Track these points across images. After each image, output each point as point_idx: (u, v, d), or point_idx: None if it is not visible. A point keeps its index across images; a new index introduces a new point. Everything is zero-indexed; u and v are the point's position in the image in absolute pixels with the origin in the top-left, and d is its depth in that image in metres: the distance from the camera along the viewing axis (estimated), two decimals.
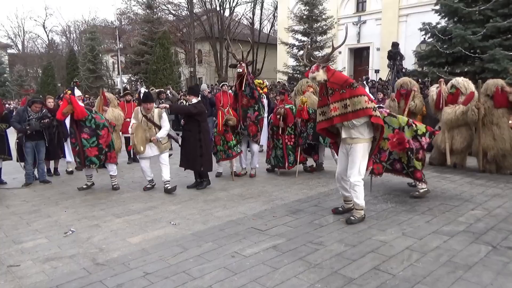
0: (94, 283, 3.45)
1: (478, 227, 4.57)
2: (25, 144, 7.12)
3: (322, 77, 4.62)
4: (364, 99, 4.51)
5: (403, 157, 5.67)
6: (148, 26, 28.35)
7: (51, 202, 6.14)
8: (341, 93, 4.57)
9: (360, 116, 4.53)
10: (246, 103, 7.21)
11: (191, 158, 6.55)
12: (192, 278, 3.49)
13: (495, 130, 7.20)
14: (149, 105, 6.43)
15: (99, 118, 6.64)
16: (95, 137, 6.47)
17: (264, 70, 33.41)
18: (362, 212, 4.84)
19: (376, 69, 22.43)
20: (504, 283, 3.28)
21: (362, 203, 4.81)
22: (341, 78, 4.69)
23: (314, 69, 4.64)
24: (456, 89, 7.68)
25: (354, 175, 4.72)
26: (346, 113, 4.55)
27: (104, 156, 6.58)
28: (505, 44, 12.41)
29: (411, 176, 5.78)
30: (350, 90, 4.54)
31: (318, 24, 22.19)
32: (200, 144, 6.51)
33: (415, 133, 5.67)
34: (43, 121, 7.08)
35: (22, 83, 37.21)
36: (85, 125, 6.44)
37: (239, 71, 6.99)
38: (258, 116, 7.25)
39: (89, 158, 6.47)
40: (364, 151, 4.75)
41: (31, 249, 4.25)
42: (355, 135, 4.70)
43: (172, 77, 26.58)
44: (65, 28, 51.98)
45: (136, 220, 5.13)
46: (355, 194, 4.78)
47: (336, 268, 3.62)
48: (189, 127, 6.57)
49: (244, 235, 4.49)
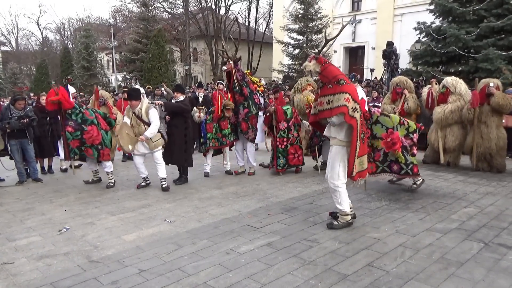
0: (89, 280, 3.44)
1: (470, 224, 4.62)
2: (9, 142, 7.09)
3: (312, 68, 4.45)
4: (344, 96, 4.24)
5: (399, 157, 5.66)
6: (143, 24, 28.26)
7: (45, 200, 6.11)
8: (328, 88, 4.38)
9: (334, 114, 4.29)
10: (238, 100, 7.28)
11: (176, 153, 6.73)
12: (187, 275, 3.50)
13: (483, 128, 7.29)
14: (133, 102, 6.39)
15: (89, 114, 6.61)
16: (80, 132, 6.50)
17: (260, 69, 33.43)
18: (348, 217, 4.58)
19: (371, 68, 22.53)
20: (496, 279, 3.33)
21: (345, 208, 4.54)
22: (331, 72, 4.43)
23: (310, 59, 4.51)
24: (446, 89, 7.74)
25: (332, 178, 4.50)
26: (329, 109, 4.33)
27: (95, 151, 6.62)
28: (498, 44, 12.49)
29: (410, 174, 5.77)
30: (336, 86, 4.32)
31: (314, 23, 22.22)
32: (185, 139, 6.78)
33: (407, 130, 5.72)
34: (22, 120, 6.92)
35: (15, 81, 36.89)
36: (71, 118, 6.47)
37: (225, 69, 7.14)
38: (248, 113, 7.23)
39: (73, 149, 6.55)
40: (343, 154, 4.46)
41: (25, 246, 4.24)
42: (334, 134, 4.50)
43: (167, 75, 26.50)
44: (59, 25, 51.87)
45: (131, 218, 5.12)
46: (336, 199, 4.55)
47: (330, 265, 3.64)
48: (176, 123, 6.74)
49: (239, 232, 4.50)
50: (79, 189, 6.72)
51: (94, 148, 6.61)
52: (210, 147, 7.36)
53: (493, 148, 7.19)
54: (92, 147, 6.59)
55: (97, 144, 6.60)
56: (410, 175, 5.85)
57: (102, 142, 6.67)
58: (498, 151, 7.24)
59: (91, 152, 6.62)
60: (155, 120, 6.33)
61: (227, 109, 7.09)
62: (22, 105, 7.09)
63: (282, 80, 22.51)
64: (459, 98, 7.57)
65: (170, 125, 6.77)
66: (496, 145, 7.17)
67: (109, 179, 6.83)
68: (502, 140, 7.21)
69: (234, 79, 7.05)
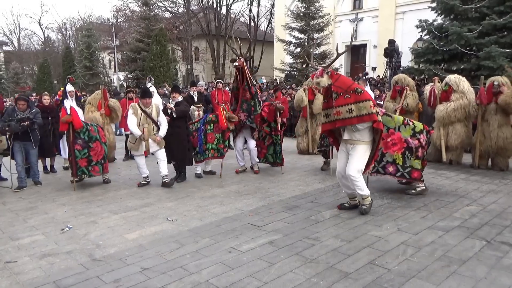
0: (91, 279, 3.46)
1: (472, 222, 4.61)
2: (13, 144, 6.82)
3: (326, 82, 4.78)
4: (369, 104, 4.66)
5: (398, 158, 5.59)
6: (145, 23, 28.21)
7: (48, 199, 6.13)
8: (345, 98, 4.71)
9: (366, 121, 4.71)
10: (248, 97, 7.31)
11: (181, 153, 6.82)
12: (189, 273, 3.50)
13: (485, 127, 7.27)
14: (148, 100, 6.52)
15: (93, 130, 6.73)
16: (87, 149, 6.64)
17: (261, 68, 33.40)
18: (369, 199, 5.04)
19: (373, 66, 22.48)
20: (498, 277, 3.32)
21: (367, 192, 5.01)
22: (345, 82, 4.83)
23: (318, 74, 4.81)
24: (449, 87, 7.72)
25: (352, 171, 4.85)
26: (350, 118, 4.70)
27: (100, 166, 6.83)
28: (501, 42, 12.44)
29: (407, 177, 5.69)
30: (355, 95, 4.68)
31: (315, 21, 22.16)
32: (187, 139, 6.93)
33: (413, 130, 5.57)
34: (22, 123, 6.60)
35: (18, 81, 36.91)
36: (79, 136, 6.59)
37: (236, 65, 7.09)
38: (254, 111, 7.29)
39: (81, 168, 6.64)
40: (365, 151, 4.93)
41: (28, 245, 4.25)
42: (356, 137, 4.88)
43: (169, 75, 26.48)
44: (61, 25, 51.68)
45: (133, 216, 5.14)
46: (358, 187, 4.93)
47: (332, 263, 3.65)
48: (178, 124, 6.83)
49: (241, 231, 4.51)
50: (82, 188, 6.74)
51: (99, 164, 6.81)
52: (209, 158, 7.24)
53: (494, 147, 7.17)
54: (97, 163, 6.78)
55: (100, 159, 6.81)
56: (406, 178, 5.70)
57: (104, 156, 6.88)
58: (500, 150, 7.21)
59: (97, 169, 6.82)
60: (164, 121, 6.59)
61: (231, 122, 7.04)
62: (24, 105, 6.80)
63: (283, 79, 22.47)
64: (462, 96, 7.54)
65: (173, 126, 6.79)
66: (497, 144, 7.14)
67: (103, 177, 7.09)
68: (503, 140, 7.14)
69: (247, 76, 7.10)
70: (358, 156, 4.89)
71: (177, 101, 6.92)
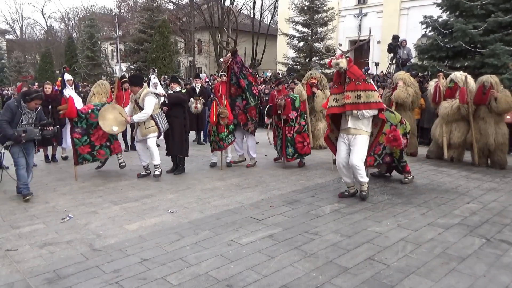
0: (91, 268, 3.47)
1: (473, 220, 4.61)
2: (11, 149, 5.42)
3: (345, 65, 5.05)
4: (377, 94, 5.05)
5: (396, 152, 6.10)
6: (148, 14, 28.07)
7: (49, 188, 6.15)
8: (356, 84, 5.02)
9: (372, 108, 5.00)
10: (234, 92, 7.29)
11: (177, 144, 6.82)
12: (189, 265, 3.52)
13: (481, 124, 7.26)
14: (133, 88, 6.61)
15: (94, 117, 6.60)
16: (87, 136, 6.60)
17: (264, 61, 33.25)
18: (367, 185, 5.40)
19: (376, 62, 22.35)
20: (497, 275, 3.33)
21: (366, 179, 5.36)
22: (358, 71, 5.17)
23: (338, 57, 5.09)
24: (454, 84, 7.68)
25: (356, 160, 5.15)
26: (358, 103, 4.98)
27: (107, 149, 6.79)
28: (505, 39, 12.33)
29: (401, 170, 6.32)
30: (365, 84, 5.03)
31: (319, 15, 21.99)
32: (184, 129, 6.92)
33: (405, 130, 6.12)
34: (46, 128, 5.42)
35: (20, 70, 36.87)
36: (76, 125, 6.56)
37: (221, 61, 7.19)
38: (247, 105, 7.22)
39: (82, 155, 6.60)
40: (366, 141, 5.24)
41: (29, 234, 4.27)
42: (359, 126, 5.15)
43: (171, 66, 26.42)
44: (64, 14, 51.64)
45: (134, 207, 5.15)
46: (360, 174, 5.24)
47: (331, 257, 3.65)
48: (176, 114, 6.83)
49: (241, 224, 4.52)
50: (83, 178, 6.75)
51: (105, 147, 6.76)
52: (213, 149, 7.44)
53: (492, 143, 7.15)
54: (102, 147, 6.73)
55: (105, 142, 6.75)
56: (399, 170, 6.33)
57: (109, 138, 6.79)
58: (497, 147, 7.20)
59: (103, 152, 6.78)
60: (147, 108, 6.37)
61: (222, 117, 7.01)
62: (38, 105, 5.47)
63: (286, 73, 22.38)
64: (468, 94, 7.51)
65: (169, 115, 6.80)
66: (495, 141, 7.13)
67: (119, 158, 7.03)
68: (502, 136, 7.15)
69: (231, 71, 7.10)
70: (360, 146, 5.17)
71: (174, 91, 6.98)
